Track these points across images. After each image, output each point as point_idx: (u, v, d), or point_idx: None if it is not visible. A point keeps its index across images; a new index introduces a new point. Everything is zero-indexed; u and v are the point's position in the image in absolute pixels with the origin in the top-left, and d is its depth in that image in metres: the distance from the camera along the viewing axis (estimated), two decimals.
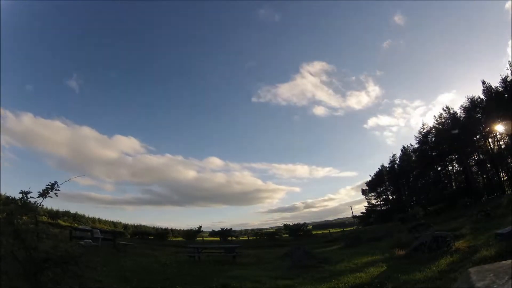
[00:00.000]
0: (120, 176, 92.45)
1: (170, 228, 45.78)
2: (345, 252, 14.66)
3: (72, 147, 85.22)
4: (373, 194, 50.83)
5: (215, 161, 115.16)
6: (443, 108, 43.04)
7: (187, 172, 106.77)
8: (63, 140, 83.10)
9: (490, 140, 36.25)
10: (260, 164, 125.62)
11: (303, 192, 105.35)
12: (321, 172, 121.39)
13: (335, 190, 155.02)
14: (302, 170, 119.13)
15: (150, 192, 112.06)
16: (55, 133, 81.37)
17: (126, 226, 46.13)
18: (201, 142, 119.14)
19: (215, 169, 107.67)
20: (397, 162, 48.41)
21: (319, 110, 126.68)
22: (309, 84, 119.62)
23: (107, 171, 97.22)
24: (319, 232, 40.27)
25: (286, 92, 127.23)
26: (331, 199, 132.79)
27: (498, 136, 34.70)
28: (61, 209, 38.61)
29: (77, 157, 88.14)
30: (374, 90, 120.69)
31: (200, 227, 35.80)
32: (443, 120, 41.89)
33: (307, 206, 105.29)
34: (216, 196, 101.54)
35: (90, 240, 15.10)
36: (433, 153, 42.08)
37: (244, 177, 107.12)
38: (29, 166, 77.04)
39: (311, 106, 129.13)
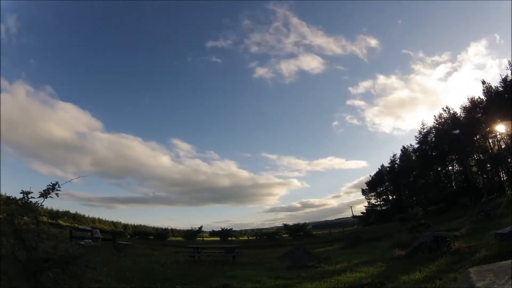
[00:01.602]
0: (84, 164, 78.49)
1: (170, 228, 45.86)
2: (345, 252, 14.66)
3: (19, 125, 71.46)
4: (373, 194, 50.82)
5: (183, 146, 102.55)
6: (443, 108, 43.08)
7: (159, 158, 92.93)
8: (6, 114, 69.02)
9: (490, 140, 36.24)
10: (246, 153, 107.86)
11: (303, 189, 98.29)
12: (322, 162, 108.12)
13: (340, 185, 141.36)
14: (299, 162, 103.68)
15: (130, 188, 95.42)
16: None
17: (126, 226, 46.17)
18: (153, 117, 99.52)
19: (188, 156, 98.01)
20: (397, 162, 48.45)
21: (311, 62, 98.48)
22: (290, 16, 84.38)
23: (68, 157, 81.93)
24: (319, 232, 40.27)
25: (256, 28, 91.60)
26: (335, 197, 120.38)
27: (498, 136, 34.69)
28: (61, 209, 38.71)
29: (29, 139, 75.64)
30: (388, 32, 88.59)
31: (201, 227, 35.88)
32: (443, 120, 41.92)
33: (307, 205, 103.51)
34: (206, 190, 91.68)
35: (90, 240, 15.11)
36: (433, 153, 42.08)
37: (228, 166, 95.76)
38: None
39: (300, 54, 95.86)
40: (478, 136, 36.94)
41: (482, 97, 36.24)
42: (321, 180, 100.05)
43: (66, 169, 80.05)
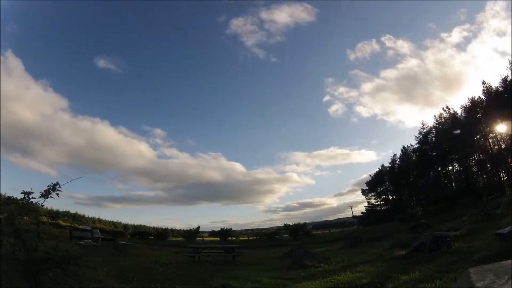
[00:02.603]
0: (57, 155, 69.76)
1: (170, 228, 45.92)
2: (345, 252, 14.66)
3: None
4: (373, 194, 50.84)
5: (156, 132, 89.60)
6: (443, 108, 43.15)
7: (137, 149, 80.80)
8: None
9: (490, 140, 36.26)
10: (233, 143, 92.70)
11: (303, 187, 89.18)
12: (323, 154, 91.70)
13: (344, 182, 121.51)
14: (297, 154, 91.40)
15: (113, 185, 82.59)
16: None
17: (126, 226, 46.19)
18: (114, 90, 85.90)
19: (166, 145, 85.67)
20: (397, 162, 48.48)
21: (300, 13, 79.94)
22: None
23: (38, 146, 70.29)
24: (319, 232, 40.33)
25: None
26: (336, 195, 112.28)
27: (498, 136, 34.71)
28: (61, 209, 38.70)
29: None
30: None
31: (198, 227, 36.00)
32: (443, 120, 41.99)
33: (307, 205, 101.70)
34: (197, 187, 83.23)
35: (90, 240, 15.12)
36: (433, 153, 42.11)
37: (215, 159, 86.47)
38: None
39: (285, 2, 78.59)
40: (478, 136, 36.96)
41: (482, 97, 36.36)
42: (323, 176, 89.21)
43: (40, 160, 71.78)
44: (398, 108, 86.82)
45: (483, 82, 36.11)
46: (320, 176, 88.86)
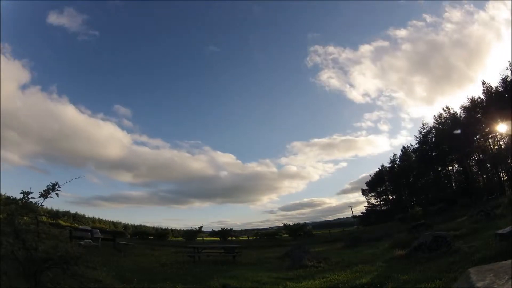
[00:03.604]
0: (28, 144, 63.03)
1: (170, 228, 45.95)
2: (345, 252, 14.67)
3: None
4: (373, 194, 50.86)
5: (125, 112, 79.05)
6: (443, 108, 43.15)
7: (108, 131, 71.66)
8: None
9: (490, 140, 36.26)
10: (221, 133, 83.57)
11: (304, 185, 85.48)
12: (323, 143, 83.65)
13: (348, 179, 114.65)
14: (295, 145, 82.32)
15: (97, 181, 76.95)
16: None
17: (126, 226, 46.23)
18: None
19: (138, 129, 77.73)
20: (397, 162, 48.49)
21: None
22: None
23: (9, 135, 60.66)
24: (319, 232, 40.29)
25: None
26: (339, 194, 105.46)
27: (498, 136, 34.71)
28: (61, 209, 38.75)
29: None
30: None
31: (201, 227, 36.03)
32: (443, 120, 41.96)
33: (307, 205, 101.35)
34: (191, 183, 77.25)
35: (90, 240, 15.13)
36: (433, 153, 42.11)
37: (205, 152, 79.42)
38: None
39: None
40: (478, 136, 36.96)
41: (482, 97, 36.38)
42: (325, 170, 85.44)
43: (10, 149, 64.22)
44: (410, 80, 66.55)
45: (483, 82, 36.21)
46: (321, 171, 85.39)
